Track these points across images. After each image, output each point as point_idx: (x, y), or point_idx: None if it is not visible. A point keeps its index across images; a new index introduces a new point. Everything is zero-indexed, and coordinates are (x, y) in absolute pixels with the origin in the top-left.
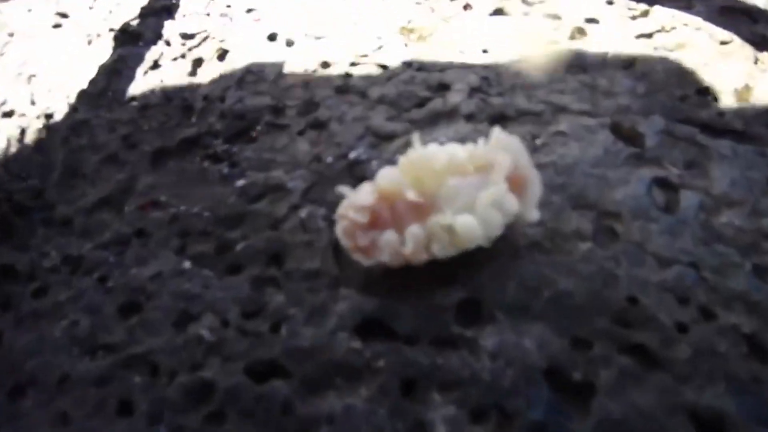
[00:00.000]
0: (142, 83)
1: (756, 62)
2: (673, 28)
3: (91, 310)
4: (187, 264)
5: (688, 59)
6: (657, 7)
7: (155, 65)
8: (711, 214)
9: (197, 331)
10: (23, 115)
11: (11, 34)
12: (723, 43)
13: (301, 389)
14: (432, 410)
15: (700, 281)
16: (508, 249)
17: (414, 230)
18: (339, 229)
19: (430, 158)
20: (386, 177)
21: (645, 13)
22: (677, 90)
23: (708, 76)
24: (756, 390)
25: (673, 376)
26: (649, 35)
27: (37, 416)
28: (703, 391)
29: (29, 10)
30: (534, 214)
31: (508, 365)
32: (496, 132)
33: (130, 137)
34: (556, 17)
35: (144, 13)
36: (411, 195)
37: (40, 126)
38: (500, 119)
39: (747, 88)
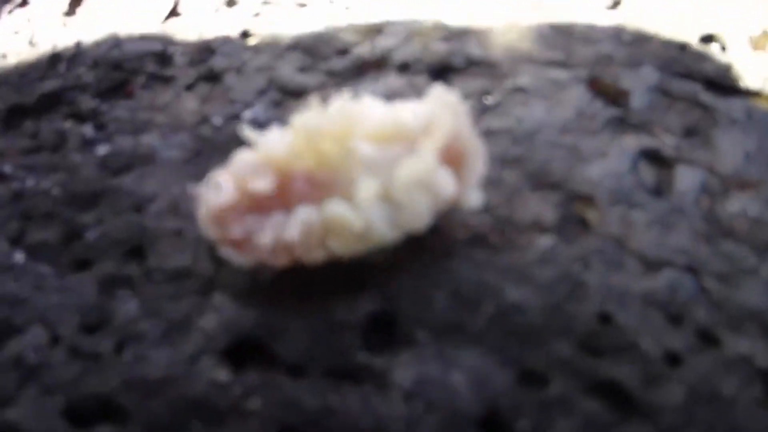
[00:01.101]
0: (3, 24)
1: None
2: None
3: None
4: (19, 256)
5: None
6: None
7: (23, 2)
8: (717, 199)
9: (17, 348)
10: None
11: None
12: None
13: None
14: None
15: (699, 293)
16: (438, 246)
17: (304, 214)
18: (203, 214)
19: (336, 119)
20: (275, 142)
21: None
22: (675, 36)
23: (715, 18)
24: None
25: (657, 429)
26: None
27: None
28: None
29: None
30: (475, 198)
31: (429, 410)
32: (435, 88)
33: None
34: None
35: None
36: (305, 167)
37: None
38: (443, 71)
39: (765, 34)
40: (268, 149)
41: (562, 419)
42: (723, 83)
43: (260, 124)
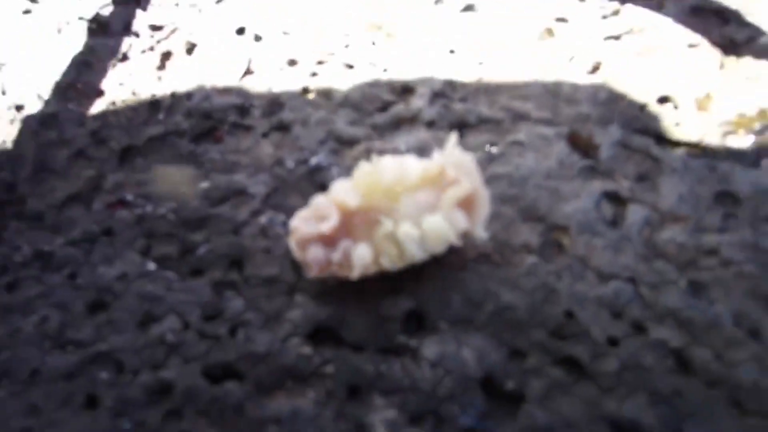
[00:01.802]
0: (110, 76)
1: (721, 67)
2: (642, 29)
3: (61, 306)
4: (151, 266)
5: (653, 64)
6: (628, 6)
7: (124, 57)
8: (655, 229)
9: (159, 331)
10: None
11: None
12: (691, 46)
13: (253, 391)
14: (373, 413)
15: (636, 297)
16: (456, 262)
17: (361, 251)
18: (292, 242)
19: (382, 173)
20: (341, 189)
21: (616, 12)
22: (639, 98)
23: (671, 82)
24: (676, 403)
25: (598, 387)
26: (617, 37)
27: (10, 406)
28: (624, 402)
29: None
30: (482, 233)
31: (447, 374)
32: (450, 147)
33: (98, 133)
34: (527, 15)
35: (113, 2)
36: (363, 208)
37: (12, 118)
38: (461, 126)
39: (708, 96)
40: (336, 194)
41: (536, 381)
42: (671, 138)
43: (323, 169)
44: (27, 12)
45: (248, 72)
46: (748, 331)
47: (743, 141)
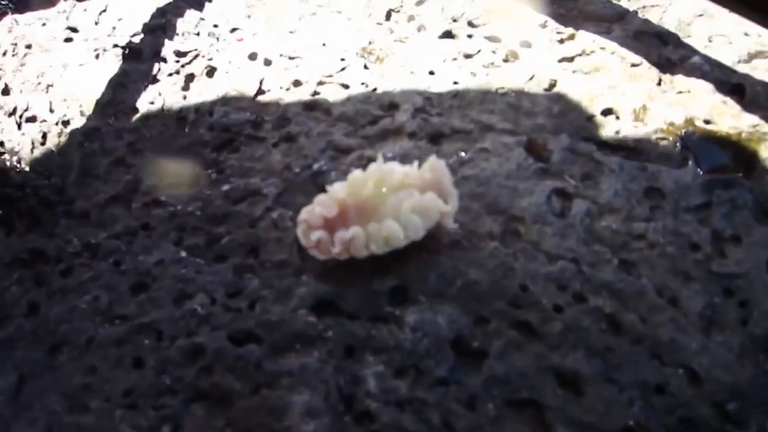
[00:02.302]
0: (143, 96)
1: (659, 83)
2: (592, 51)
3: (109, 288)
4: (183, 253)
5: (600, 81)
6: (581, 32)
7: (154, 80)
8: (594, 219)
9: (192, 306)
10: (44, 121)
11: (29, 46)
12: (633, 65)
13: (269, 351)
14: (366, 368)
15: (577, 273)
16: (432, 246)
17: (356, 231)
18: (299, 231)
19: (371, 175)
20: (338, 188)
21: (571, 37)
22: (586, 110)
23: (614, 97)
24: (607, 356)
25: (546, 345)
26: (571, 59)
27: (72, 368)
28: (567, 357)
29: (43, 24)
30: (451, 223)
31: (425, 336)
32: (431, 158)
33: (134, 144)
34: (496, 40)
35: (143, 31)
36: (355, 203)
37: (59, 131)
38: (437, 137)
39: (644, 108)
40: (334, 192)
41: (496, 341)
42: (611, 144)
43: (324, 172)
44: (69, 40)
45: (260, 92)
46: (668, 299)
47: (671, 146)
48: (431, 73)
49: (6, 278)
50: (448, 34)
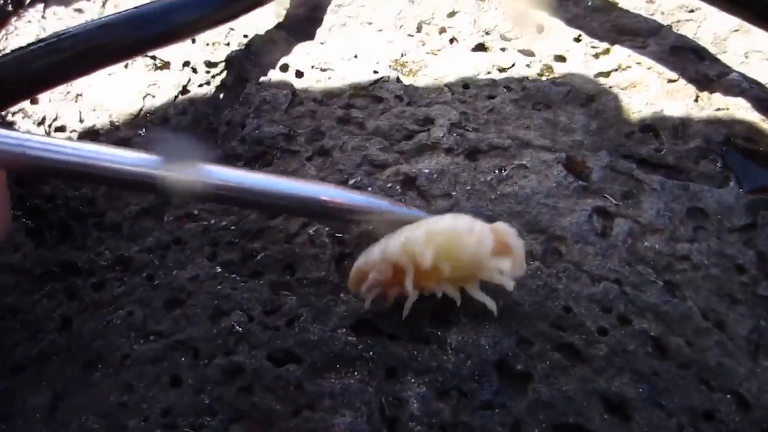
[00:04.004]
0: (173, 107)
1: (696, 100)
2: (628, 66)
3: (143, 303)
4: (218, 269)
5: (637, 98)
6: (617, 46)
7: (184, 90)
8: (637, 239)
9: (228, 323)
10: (73, 130)
11: None
12: (670, 81)
13: (309, 372)
14: (408, 390)
15: (621, 295)
16: None
17: (412, 297)
18: (350, 279)
19: (464, 240)
20: (415, 243)
21: (606, 51)
22: (625, 127)
23: (653, 113)
24: (653, 380)
25: (592, 368)
26: (607, 74)
27: (107, 385)
28: (613, 380)
29: None
30: (510, 286)
31: (468, 358)
32: (498, 224)
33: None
34: (530, 54)
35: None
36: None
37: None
38: (474, 152)
39: (683, 125)
40: (410, 246)
41: (540, 363)
42: (651, 162)
43: (360, 188)
44: None
45: (292, 104)
46: (714, 323)
47: (712, 165)
48: (465, 86)
49: (37, 291)
50: (480, 47)
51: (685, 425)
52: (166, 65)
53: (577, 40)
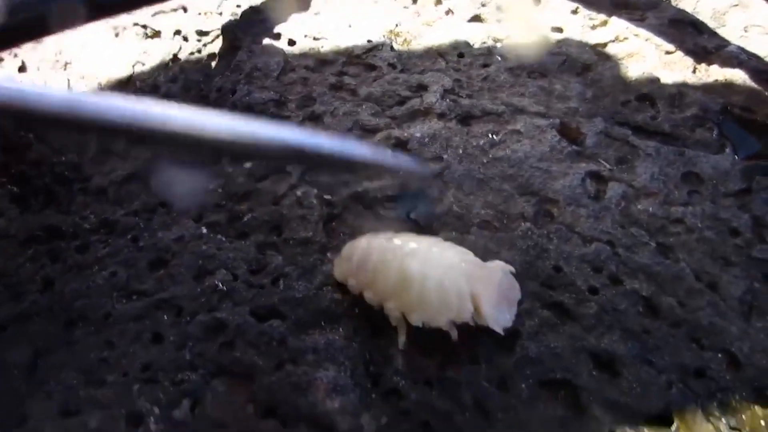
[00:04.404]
0: (163, 74)
1: (694, 71)
2: (626, 38)
3: (127, 264)
4: (204, 230)
5: (634, 68)
6: (614, 18)
7: (175, 59)
8: (630, 202)
9: (213, 282)
10: None
11: None
12: (668, 53)
13: (293, 328)
14: (393, 347)
15: (613, 256)
16: (462, 227)
17: (388, 307)
18: (335, 272)
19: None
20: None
21: (604, 23)
22: (621, 95)
23: (649, 83)
24: (644, 339)
25: (581, 326)
26: (604, 45)
27: (88, 343)
28: (603, 338)
29: None
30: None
31: None
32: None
33: None
34: (527, 25)
35: (164, 10)
36: None
37: None
38: (467, 118)
39: (680, 95)
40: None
41: (529, 321)
42: (647, 129)
43: None
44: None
45: (284, 71)
46: (707, 284)
47: (708, 133)
48: (460, 55)
49: (20, 255)
50: (476, 19)
51: (675, 382)
52: (156, 34)
53: (575, 12)
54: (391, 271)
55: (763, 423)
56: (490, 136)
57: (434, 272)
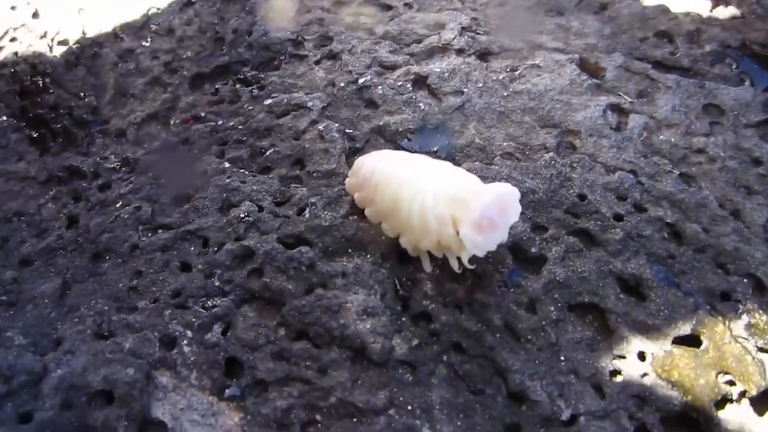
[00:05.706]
0: (178, 18)
1: (712, 9)
2: None
3: (150, 199)
4: (226, 164)
5: (651, 5)
6: None
7: (189, 2)
8: (652, 133)
9: (238, 214)
10: (77, 44)
11: None
12: None
13: (321, 254)
14: (421, 272)
15: (637, 184)
16: (485, 158)
17: (384, 227)
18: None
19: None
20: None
21: None
22: (639, 32)
23: (668, 20)
24: (669, 263)
25: (607, 251)
26: None
27: (116, 273)
28: (629, 262)
29: None
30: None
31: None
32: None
33: (170, 64)
34: None
35: None
36: None
37: (92, 53)
38: (486, 54)
39: (698, 31)
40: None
41: (555, 246)
42: (666, 64)
43: (370, 87)
44: None
45: (299, 12)
46: (730, 211)
47: (727, 68)
48: None
49: (42, 195)
50: None
51: (702, 304)
52: None
53: None
54: (386, 195)
55: None
56: (509, 71)
57: (419, 197)
